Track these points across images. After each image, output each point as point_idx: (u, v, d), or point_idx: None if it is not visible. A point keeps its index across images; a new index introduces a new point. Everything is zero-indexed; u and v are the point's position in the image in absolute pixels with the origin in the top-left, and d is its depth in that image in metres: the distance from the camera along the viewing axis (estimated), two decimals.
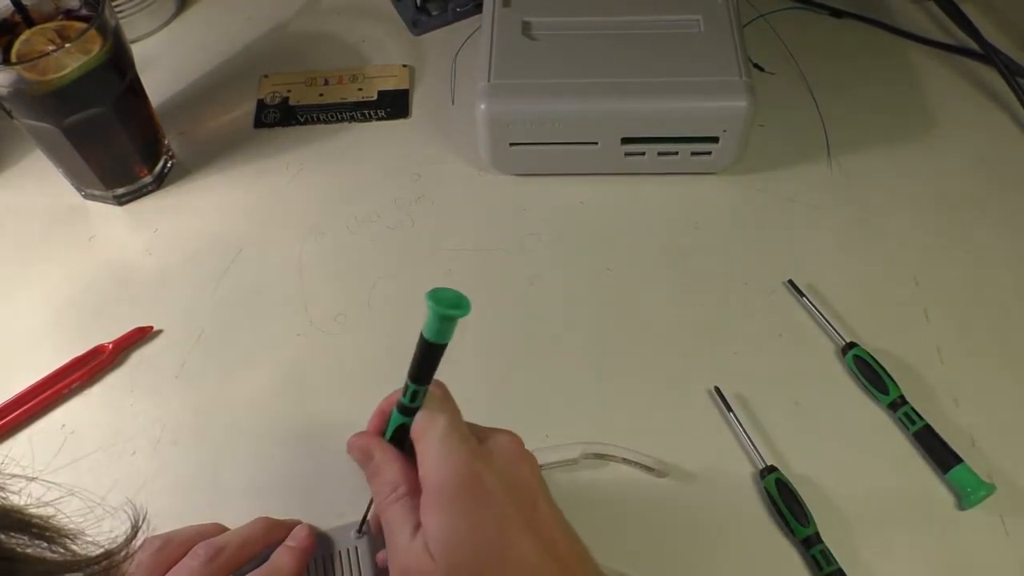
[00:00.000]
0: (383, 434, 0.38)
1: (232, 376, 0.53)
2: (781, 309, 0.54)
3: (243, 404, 0.51)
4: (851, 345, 0.51)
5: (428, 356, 0.34)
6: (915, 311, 0.54)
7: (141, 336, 0.54)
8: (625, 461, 0.48)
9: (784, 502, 0.45)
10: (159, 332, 0.55)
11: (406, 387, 0.35)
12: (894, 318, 0.53)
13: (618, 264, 0.57)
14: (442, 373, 0.54)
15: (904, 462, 0.48)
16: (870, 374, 0.50)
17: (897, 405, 0.49)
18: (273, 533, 0.42)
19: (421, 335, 0.33)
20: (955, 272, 0.55)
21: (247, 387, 0.52)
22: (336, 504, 0.47)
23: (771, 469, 0.47)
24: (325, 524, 0.46)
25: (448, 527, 0.34)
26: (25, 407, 0.51)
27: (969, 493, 0.45)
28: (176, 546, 0.39)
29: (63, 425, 0.51)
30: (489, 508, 0.34)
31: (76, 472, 0.49)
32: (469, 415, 0.38)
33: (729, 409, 0.49)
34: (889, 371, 0.50)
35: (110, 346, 0.53)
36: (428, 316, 0.33)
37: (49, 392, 0.51)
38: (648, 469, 0.47)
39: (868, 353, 0.50)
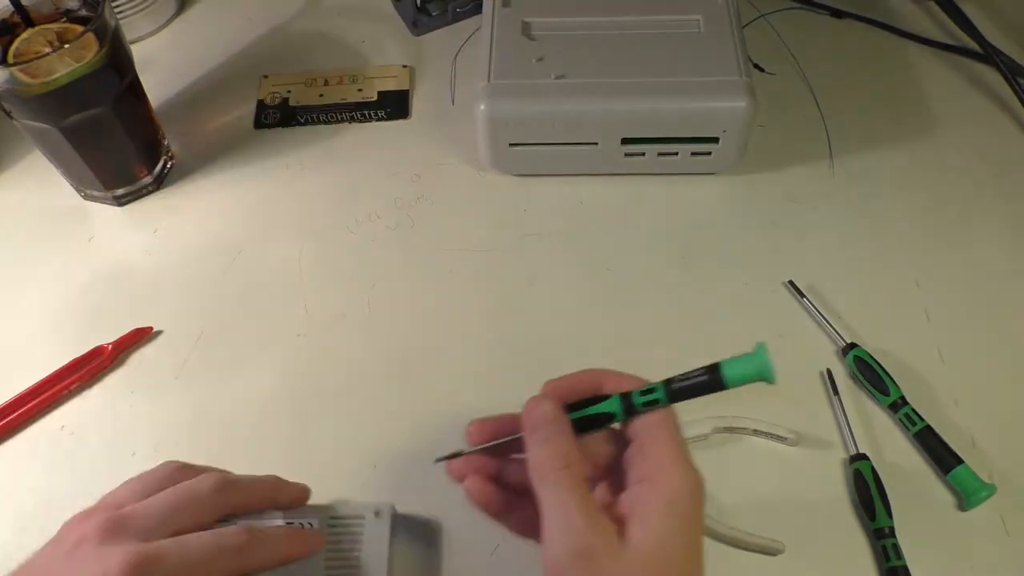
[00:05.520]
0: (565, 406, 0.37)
1: (232, 377, 0.53)
2: (781, 309, 0.54)
3: (243, 405, 0.51)
4: (852, 346, 0.51)
5: (708, 388, 0.34)
6: (915, 311, 0.54)
7: (141, 337, 0.54)
8: (756, 433, 0.48)
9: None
10: (159, 333, 0.55)
11: (652, 389, 0.35)
12: (894, 318, 0.53)
13: (618, 264, 0.57)
14: (445, 375, 0.54)
15: (905, 463, 0.48)
16: (871, 375, 0.50)
17: (898, 406, 0.49)
18: (281, 491, 0.41)
19: (719, 369, 0.34)
20: (956, 272, 0.55)
21: (247, 388, 0.52)
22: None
23: None
24: None
25: (670, 537, 0.33)
26: (25, 408, 0.51)
27: (970, 494, 0.45)
28: (192, 471, 0.39)
29: (63, 426, 0.51)
30: (698, 533, 0.34)
31: (75, 474, 0.49)
32: (467, 416, 0.38)
33: None
34: (890, 372, 0.50)
35: (109, 347, 0.53)
36: (744, 365, 0.33)
37: (49, 393, 0.51)
38: (779, 438, 0.48)
39: (869, 354, 0.50)
